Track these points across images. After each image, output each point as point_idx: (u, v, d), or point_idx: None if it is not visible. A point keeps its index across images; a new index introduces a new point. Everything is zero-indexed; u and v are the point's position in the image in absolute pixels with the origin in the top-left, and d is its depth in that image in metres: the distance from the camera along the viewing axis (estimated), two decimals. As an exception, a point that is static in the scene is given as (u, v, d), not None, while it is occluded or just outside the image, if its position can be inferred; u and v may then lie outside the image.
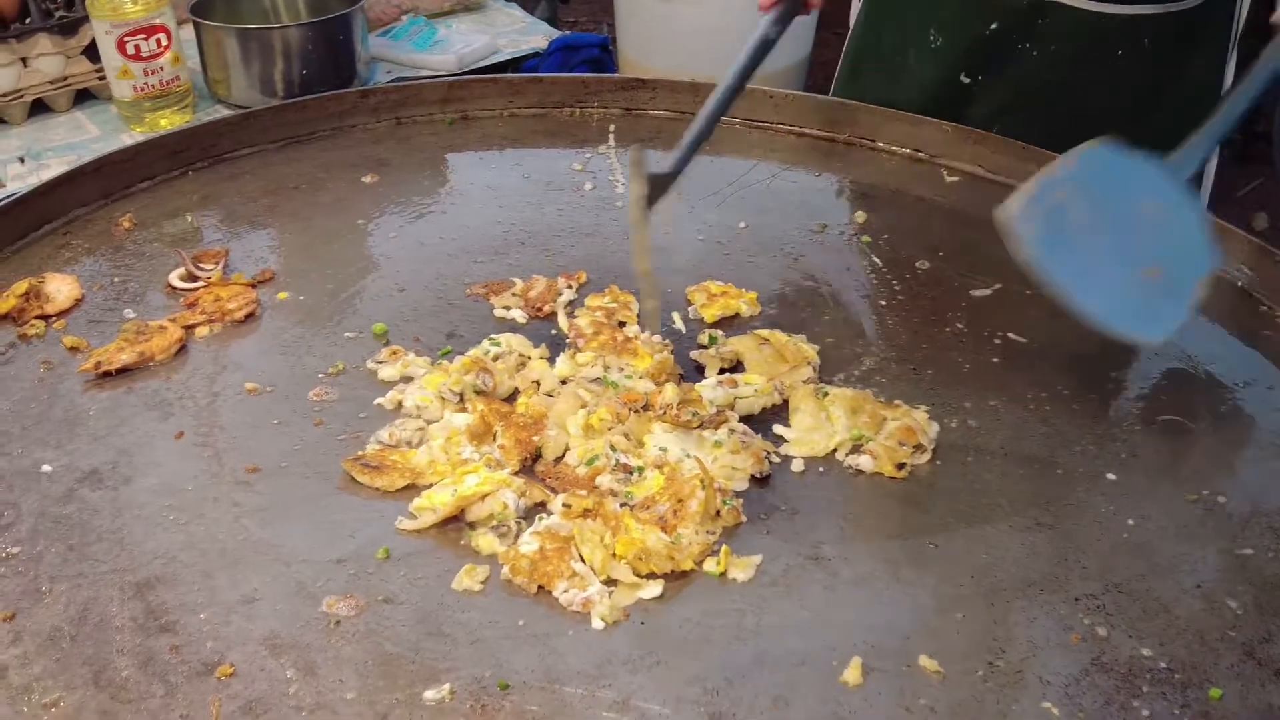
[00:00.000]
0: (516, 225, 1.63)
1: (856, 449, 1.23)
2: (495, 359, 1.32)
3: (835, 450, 1.23)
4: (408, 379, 1.32)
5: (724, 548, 1.10)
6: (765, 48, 1.43)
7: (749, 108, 1.91)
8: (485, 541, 1.12)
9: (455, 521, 1.14)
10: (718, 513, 1.14)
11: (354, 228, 1.62)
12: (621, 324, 1.40)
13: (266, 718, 0.94)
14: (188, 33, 2.28)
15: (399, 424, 1.24)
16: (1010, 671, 1.00)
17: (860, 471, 1.21)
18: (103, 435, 1.24)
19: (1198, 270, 1.20)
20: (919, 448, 1.22)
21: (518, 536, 1.12)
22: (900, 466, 1.20)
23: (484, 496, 1.15)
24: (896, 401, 1.28)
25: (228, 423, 1.26)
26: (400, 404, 1.28)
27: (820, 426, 1.25)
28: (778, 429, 1.26)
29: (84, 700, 0.96)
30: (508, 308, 1.45)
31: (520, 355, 1.34)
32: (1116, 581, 1.09)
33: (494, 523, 1.13)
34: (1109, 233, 1.19)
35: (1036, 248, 1.17)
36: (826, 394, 1.28)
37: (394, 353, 1.34)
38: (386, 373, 1.32)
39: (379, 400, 1.29)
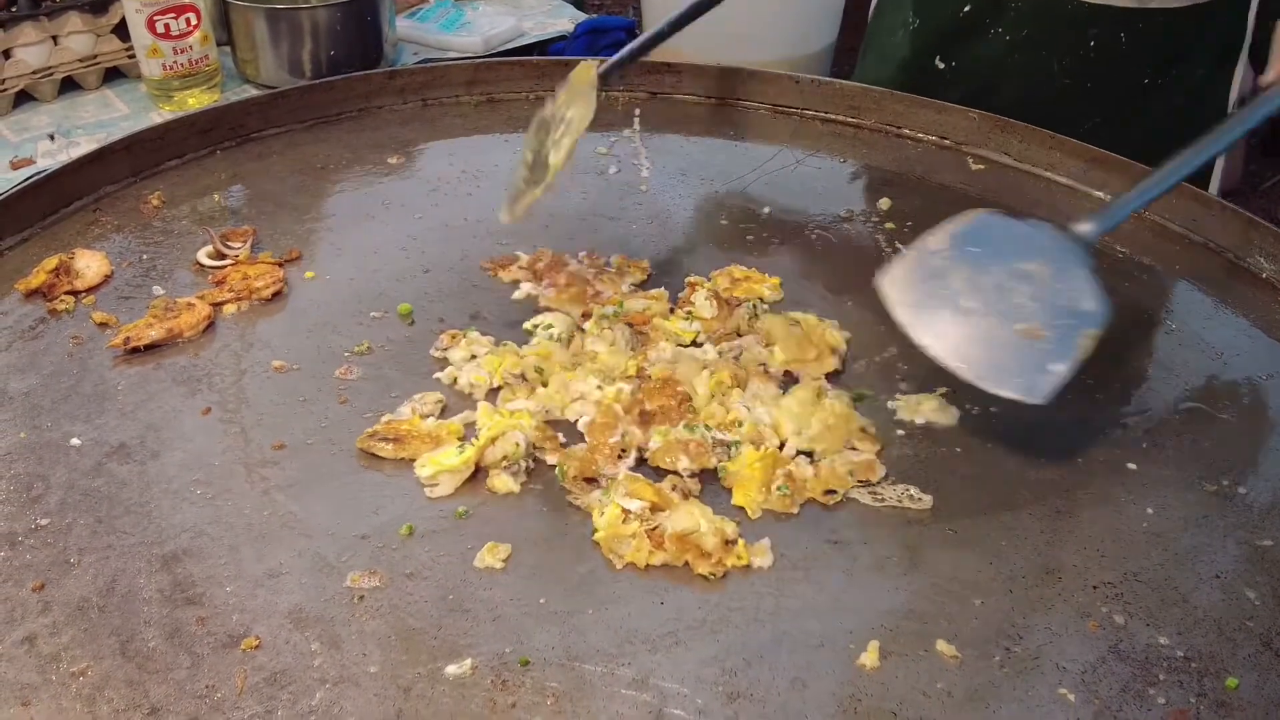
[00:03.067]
0: (541, 208, 1.63)
1: (806, 455, 1.22)
2: (555, 339, 1.35)
3: (783, 446, 1.22)
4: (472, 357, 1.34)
5: (740, 541, 1.11)
6: None
7: (774, 93, 1.91)
8: (501, 482, 1.16)
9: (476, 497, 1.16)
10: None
11: (380, 208, 1.63)
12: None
13: (291, 689, 0.96)
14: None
15: (419, 398, 1.26)
16: (1027, 658, 1.01)
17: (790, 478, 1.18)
18: (131, 410, 1.25)
19: (1083, 326, 1.17)
20: (867, 484, 1.19)
21: (530, 474, 1.17)
22: (830, 493, 1.17)
23: (495, 440, 1.18)
24: (882, 435, 1.25)
25: (254, 400, 1.27)
26: (456, 379, 1.30)
27: (787, 420, 1.24)
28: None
29: (111, 669, 0.97)
30: (517, 281, 1.47)
31: (570, 328, 1.37)
32: (1135, 570, 1.10)
33: (505, 463, 1.17)
34: (984, 296, 1.19)
35: (907, 311, 1.19)
36: (827, 396, 1.27)
37: (453, 337, 1.36)
38: (456, 355, 1.33)
39: (438, 375, 1.31)
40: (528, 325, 1.38)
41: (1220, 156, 1.71)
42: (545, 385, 1.29)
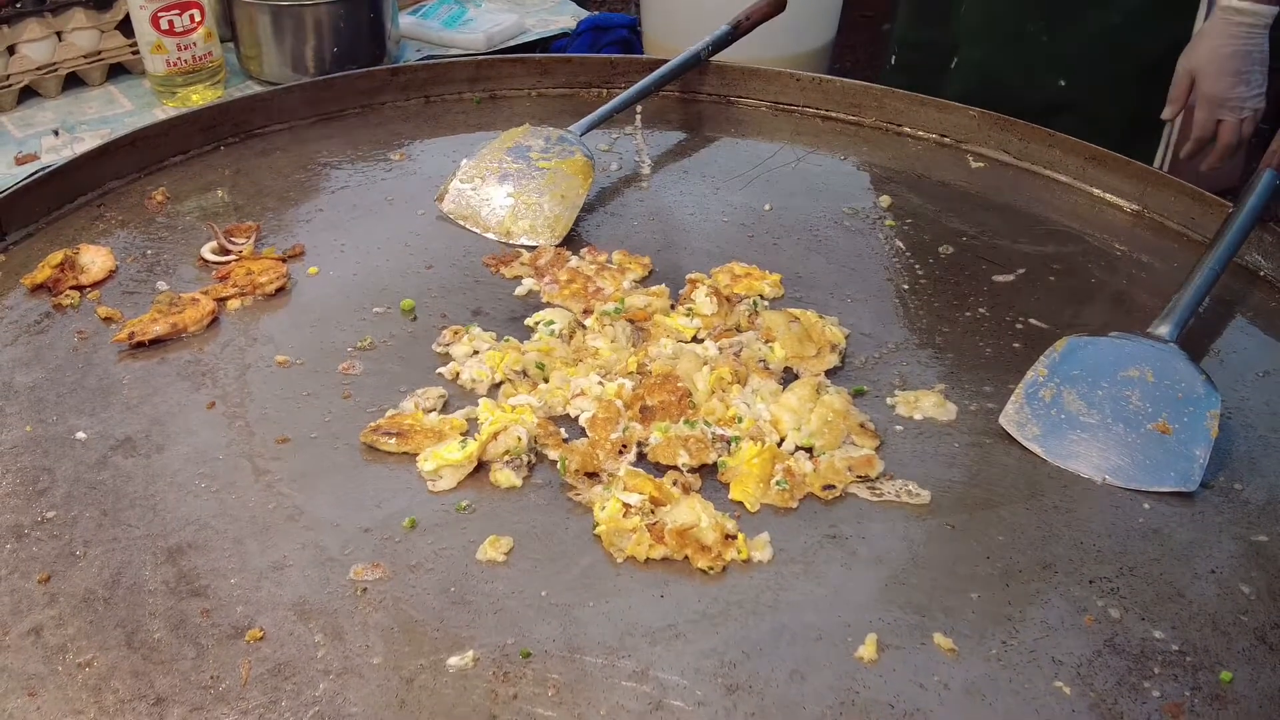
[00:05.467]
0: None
1: (806, 450, 1.22)
2: (556, 335, 1.36)
3: (782, 442, 1.23)
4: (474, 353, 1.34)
5: (740, 535, 1.12)
6: None
7: (775, 90, 1.92)
8: (503, 476, 1.17)
9: (477, 491, 1.17)
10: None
11: (383, 204, 1.64)
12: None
13: (295, 680, 0.97)
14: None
15: (421, 393, 1.27)
16: (1024, 651, 1.02)
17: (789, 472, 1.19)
18: (136, 404, 1.26)
19: (1205, 408, 1.23)
20: (865, 479, 1.19)
21: (532, 469, 1.19)
22: (829, 488, 1.18)
23: (497, 435, 1.19)
24: (881, 431, 1.26)
25: (258, 394, 1.28)
26: (458, 375, 1.31)
27: (787, 416, 1.25)
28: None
29: (117, 661, 0.98)
30: (519, 277, 1.48)
31: (571, 324, 1.39)
32: (1131, 565, 1.11)
33: (507, 457, 1.18)
34: (1101, 409, 1.25)
35: (1041, 443, 1.24)
36: (826, 392, 1.28)
37: (455, 332, 1.37)
38: (458, 351, 1.34)
39: (440, 370, 1.32)
40: (529, 321, 1.39)
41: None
42: (547, 381, 1.30)
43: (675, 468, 1.19)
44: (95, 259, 1.46)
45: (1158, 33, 1.94)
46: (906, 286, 1.49)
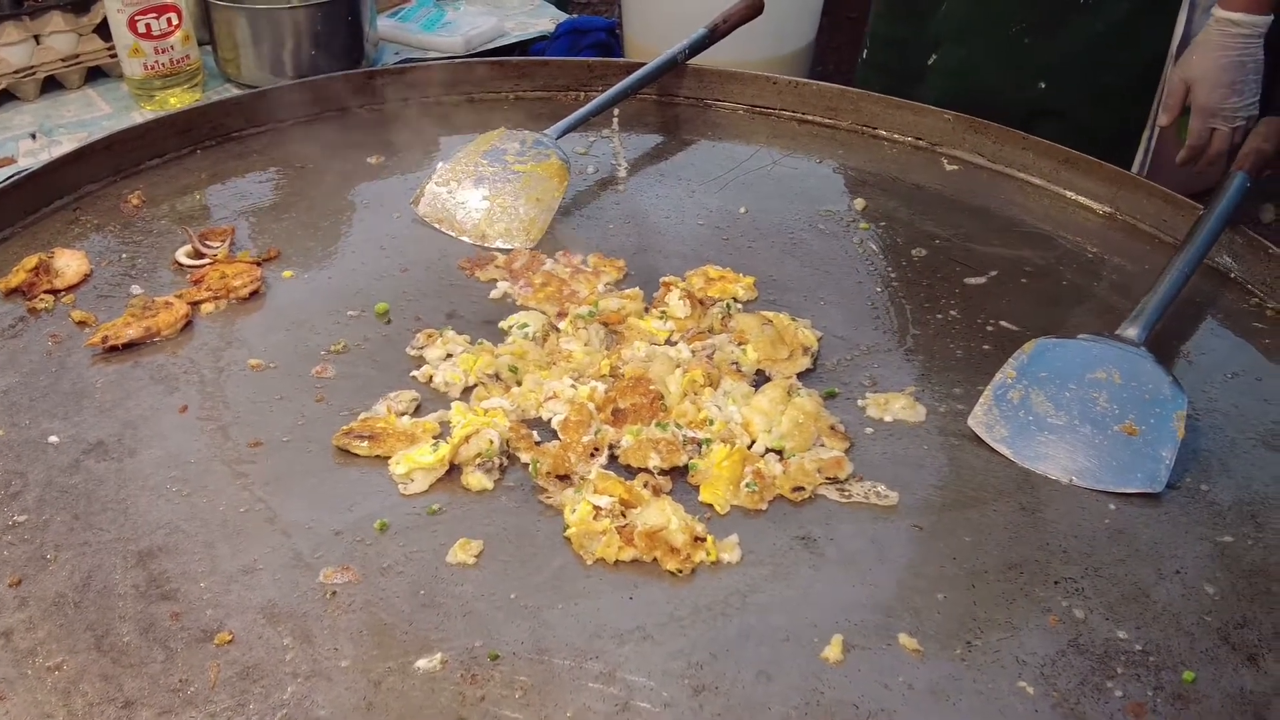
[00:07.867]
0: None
1: (776, 452, 1.23)
2: (530, 338, 1.37)
3: (753, 444, 1.24)
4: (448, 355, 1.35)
5: (709, 537, 1.12)
6: None
7: (752, 94, 1.92)
8: (474, 479, 1.18)
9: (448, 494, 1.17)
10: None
11: (359, 207, 1.64)
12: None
13: (263, 684, 0.97)
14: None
15: (394, 397, 1.27)
16: (988, 651, 1.03)
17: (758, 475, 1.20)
18: (109, 408, 1.26)
19: (1172, 410, 1.24)
20: (835, 480, 1.20)
21: (504, 472, 1.20)
22: (798, 490, 1.19)
23: (469, 438, 1.19)
24: (851, 433, 1.26)
25: (232, 398, 1.28)
26: (431, 378, 1.32)
27: (758, 418, 1.26)
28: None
29: (86, 664, 0.99)
30: (494, 280, 1.49)
31: (544, 327, 1.39)
32: (1096, 566, 1.12)
33: (479, 460, 1.19)
34: (1069, 410, 1.26)
35: (1009, 445, 1.25)
36: (798, 394, 1.29)
37: (430, 335, 1.37)
38: (432, 354, 1.35)
39: (414, 373, 1.32)
40: (504, 324, 1.40)
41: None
42: (519, 384, 1.30)
43: (646, 470, 1.20)
44: (70, 263, 1.47)
45: (1139, 42, 1.95)
46: (879, 289, 1.50)
